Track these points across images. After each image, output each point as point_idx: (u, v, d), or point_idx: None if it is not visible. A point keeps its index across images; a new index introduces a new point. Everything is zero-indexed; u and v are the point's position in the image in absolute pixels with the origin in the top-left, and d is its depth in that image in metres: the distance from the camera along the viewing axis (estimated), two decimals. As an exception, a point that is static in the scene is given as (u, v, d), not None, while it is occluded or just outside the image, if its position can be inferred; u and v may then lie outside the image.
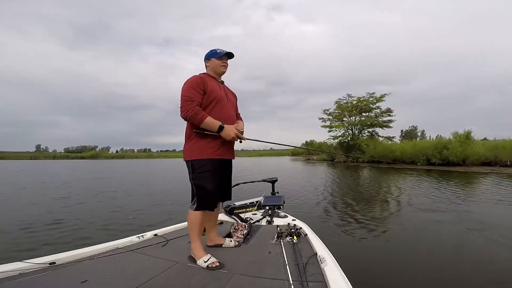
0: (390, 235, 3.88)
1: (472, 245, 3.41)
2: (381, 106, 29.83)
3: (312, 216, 4.98)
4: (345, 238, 3.81)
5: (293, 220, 2.51)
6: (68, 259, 1.70)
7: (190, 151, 1.86)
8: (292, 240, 1.95)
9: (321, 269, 1.48)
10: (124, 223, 4.67)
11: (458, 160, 18.32)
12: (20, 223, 4.60)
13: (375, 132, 30.95)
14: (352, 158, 27.49)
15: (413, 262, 2.96)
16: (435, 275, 2.59)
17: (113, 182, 11.95)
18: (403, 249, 3.35)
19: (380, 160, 24.02)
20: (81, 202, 6.71)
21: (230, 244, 2.02)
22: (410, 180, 11.11)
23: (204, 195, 1.82)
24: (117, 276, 1.53)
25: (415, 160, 21.11)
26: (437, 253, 3.14)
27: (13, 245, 3.51)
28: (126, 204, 6.36)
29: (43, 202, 6.83)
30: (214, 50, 1.99)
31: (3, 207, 6.21)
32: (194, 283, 1.43)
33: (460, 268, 2.76)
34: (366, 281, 2.46)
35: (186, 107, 1.77)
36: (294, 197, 7.07)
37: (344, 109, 31.23)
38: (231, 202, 2.73)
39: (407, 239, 3.72)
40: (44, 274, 1.50)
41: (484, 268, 2.75)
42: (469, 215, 4.91)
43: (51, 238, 3.85)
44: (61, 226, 4.47)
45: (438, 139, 24.06)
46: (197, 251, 1.75)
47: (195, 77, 1.88)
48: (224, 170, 1.98)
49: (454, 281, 2.48)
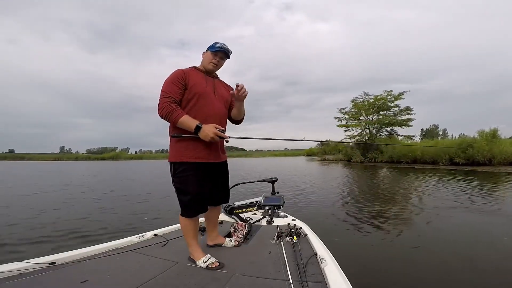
0: (396, 237, 3.78)
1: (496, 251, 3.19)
2: (399, 104, 28.84)
3: (314, 216, 4.92)
4: (345, 238, 3.78)
5: (293, 220, 2.51)
6: (68, 259, 1.71)
7: (172, 152, 1.74)
8: (292, 240, 1.94)
9: (321, 269, 1.48)
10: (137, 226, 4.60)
11: (484, 159, 17.41)
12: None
13: (393, 131, 29.93)
14: (369, 158, 26.81)
15: (416, 264, 2.89)
16: (439, 277, 2.53)
17: (138, 184, 12.02)
18: (407, 251, 3.26)
19: (399, 160, 23.27)
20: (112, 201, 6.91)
21: (230, 244, 2.02)
22: (429, 180, 10.62)
23: (186, 201, 1.73)
24: (117, 276, 1.54)
25: (437, 160, 20.26)
26: (449, 258, 3.00)
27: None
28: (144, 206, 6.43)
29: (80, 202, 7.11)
30: (215, 42, 1.84)
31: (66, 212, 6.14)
32: (194, 283, 1.43)
33: (471, 272, 2.66)
34: (366, 281, 2.46)
35: (162, 105, 1.64)
36: (297, 197, 7.01)
37: (361, 107, 30.37)
38: (231, 202, 2.73)
39: (415, 241, 3.60)
40: (44, 274, 1.51)
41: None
42: (496, 218, 4.62)
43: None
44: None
45: (461, 137, 23.00)
46: (195, 253, 1.73)
47: (176, 71, 1.75)
48: (214, 173, 1.85)
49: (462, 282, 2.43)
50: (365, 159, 27.34)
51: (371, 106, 29.88)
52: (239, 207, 2.89)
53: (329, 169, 19.58)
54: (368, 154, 27.46)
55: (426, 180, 10.79)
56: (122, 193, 8.59)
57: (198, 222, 1.86)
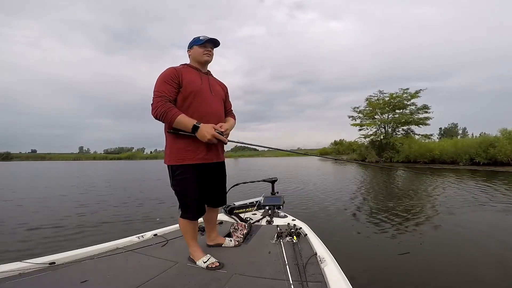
0: (401, 238, 3.70)
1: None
2: (416, 103, 27.94)
3: (315, 217, 4.83)
4: (346, 238, 3.73)
5: (293, 220, 2.48)
6: (68, 259, 1.70)
7: (169, 155, 1.67)
8: (292, 240, 1.93)
9: (321, 269, 1.46)
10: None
11: (508, 159, 16.68)
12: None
13: (410, 130, 28.93)
14: (385, 158, 26.24)
15: (417, 264, 2.84)
16: (441, 278, 2.49)
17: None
18: (410, 253, 3.18)
19: (416, 159, 22.64)
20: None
21: (230, 244, 1.98)
22: (447, 180, 10.20)
23: (187, 203, 1.70)
24: (117, 276, 1.53)
25: (457, 160, 19.57)
26: (450, 258, 2.94)
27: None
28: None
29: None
30: (197, 37, 1.76)
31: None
32: (194, 283, 1.42)
33: (470, 272, 2.63)
34: (366, 281, 2.42)
35: (155, 104, 1.55)
36: (300, 197, 6.95)
37: (376, 106, 29.63)
38: (231, 202, 2.73)
39: (417, 241, 3.52)
40: (44, 274, 1.50)
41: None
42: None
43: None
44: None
45: (482, 136, 22.12)
46: (195, 253, 1.71)
47: (168, 69, 1.66)
48: (212, 174, 1.79)
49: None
50: (381, 159, 26.78)
51: (387, 104, 29.13)
52: (239, 207, 2.88)
53: (340, 169, 18.93)
54: (384, 153, 26.88)
55: (443, 181, 10.38)
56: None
57: (197, 224, 1.84)
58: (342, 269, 1.44)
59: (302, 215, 4.88)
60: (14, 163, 57.84)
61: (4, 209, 6.17)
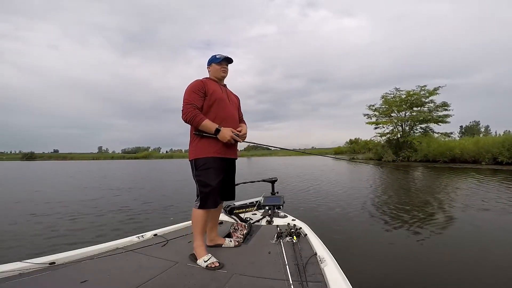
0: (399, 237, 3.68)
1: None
2: (435, 100, 26.87)
3: (316, 217, 4.81)
4: (345, 237, 3.72)
5: (293, 220, 2.49)
6: (68, 259, 1.71)
7: (194, 151, 1.92)
8: (292, 240, 1.95)
9: (321, 269, 1.47)
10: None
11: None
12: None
13: (429, 128, 27.87)
14: (402, 157, 25.57)
15: (417, 265, 2.83)
16: (440, 278, 2.48)
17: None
18: (408, 251, 3.20)
19: (435, 159, 21.92)
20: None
21: (230, 244, 2.02)
22: (467, 181, 9.78)
23: (208, 192, 1.84)
24: (117, 276, 1.53)
25: (479, 159, 18.78)
26: (455, 260, 2.90)
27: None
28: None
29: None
30: (214, 56, 2.07)
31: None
32: (194, 283, 1.43)
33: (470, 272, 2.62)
34: (366, 281, 2.44)
35: (186, 111, 1.85)
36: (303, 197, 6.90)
37: (392, 103, 28.72)
38: (231, 202, 2.75)
39: (420, 242, 3.49)
40: (44, 274, 1.51)
41: None
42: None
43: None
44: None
45: (506, 134, 21.15)
46: (199, 249, 1.76)
47: (196, 81, 1.97)
48: (227, 169, 2.01)
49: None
50: (397, 158, 26.11)
51: (403, 102, 28.15)
52: (239, 207, 2.89)
53: (354, 169, 18.27)
54: (401, 152, 26.17)
55: (464, 180, 10.01)
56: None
57: (209, 218, 1.94)
58: (342, 269, 1.44)
59: (315, 215, 4.92)
60: (37, 163, 60.21)
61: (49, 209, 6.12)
